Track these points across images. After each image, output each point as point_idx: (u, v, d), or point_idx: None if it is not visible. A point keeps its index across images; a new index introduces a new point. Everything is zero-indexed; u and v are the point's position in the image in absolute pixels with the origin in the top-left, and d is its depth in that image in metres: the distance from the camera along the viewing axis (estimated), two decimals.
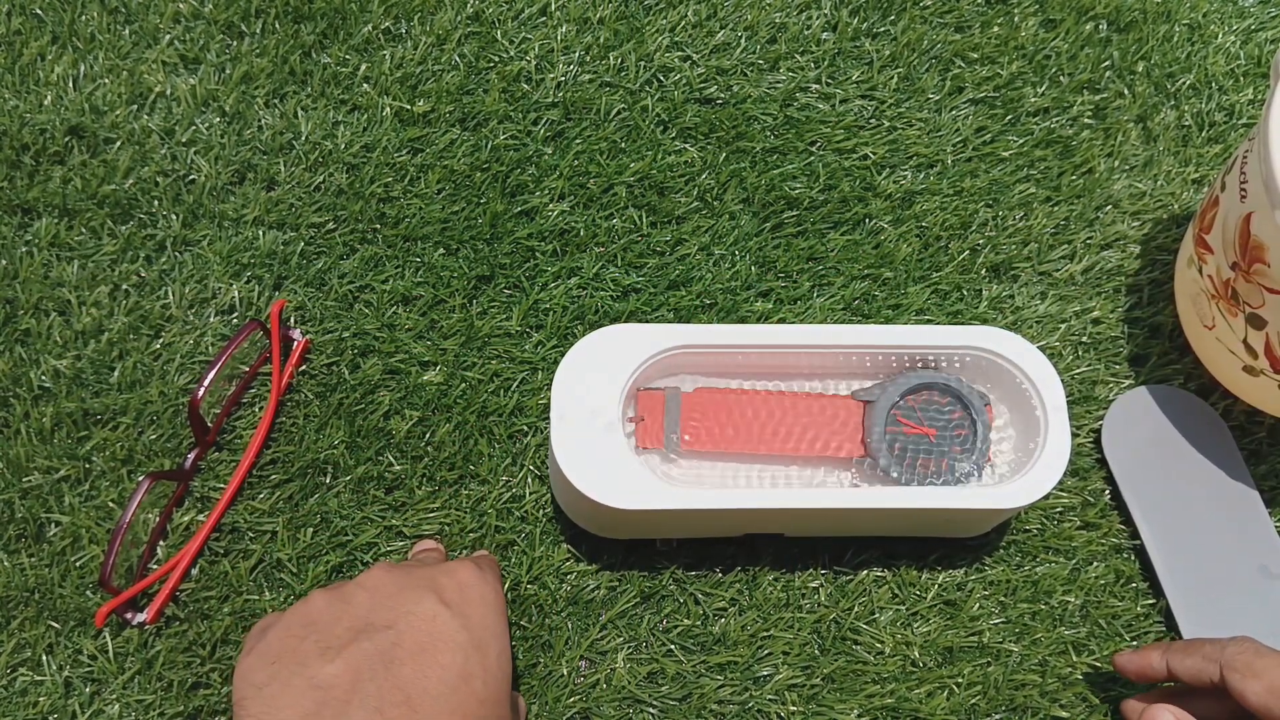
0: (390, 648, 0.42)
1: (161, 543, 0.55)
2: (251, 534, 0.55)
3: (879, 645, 0.54)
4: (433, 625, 0.43)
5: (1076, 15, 0.67)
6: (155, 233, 0.60)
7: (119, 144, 0.61)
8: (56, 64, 0.63)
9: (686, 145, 0.63)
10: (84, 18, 0.64)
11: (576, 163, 0.62)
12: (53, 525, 0.54)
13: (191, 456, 0.55)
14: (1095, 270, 0.62)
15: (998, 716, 0.54)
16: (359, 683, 0.42)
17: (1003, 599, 0.55)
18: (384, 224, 0.61)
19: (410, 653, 0.42)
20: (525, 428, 0.57)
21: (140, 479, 0.52)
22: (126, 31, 0.64)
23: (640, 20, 0.66)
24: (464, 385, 0.58)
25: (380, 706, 0.41)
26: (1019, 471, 0.51)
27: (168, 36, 0.63)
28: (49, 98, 0.62)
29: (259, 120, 0.62)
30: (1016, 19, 0.67)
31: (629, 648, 0.54)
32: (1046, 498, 0.56)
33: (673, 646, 0.54)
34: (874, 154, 0.64)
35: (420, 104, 0.63)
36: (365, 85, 0.63)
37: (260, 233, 0.60)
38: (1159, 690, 0.51)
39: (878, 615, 0.55)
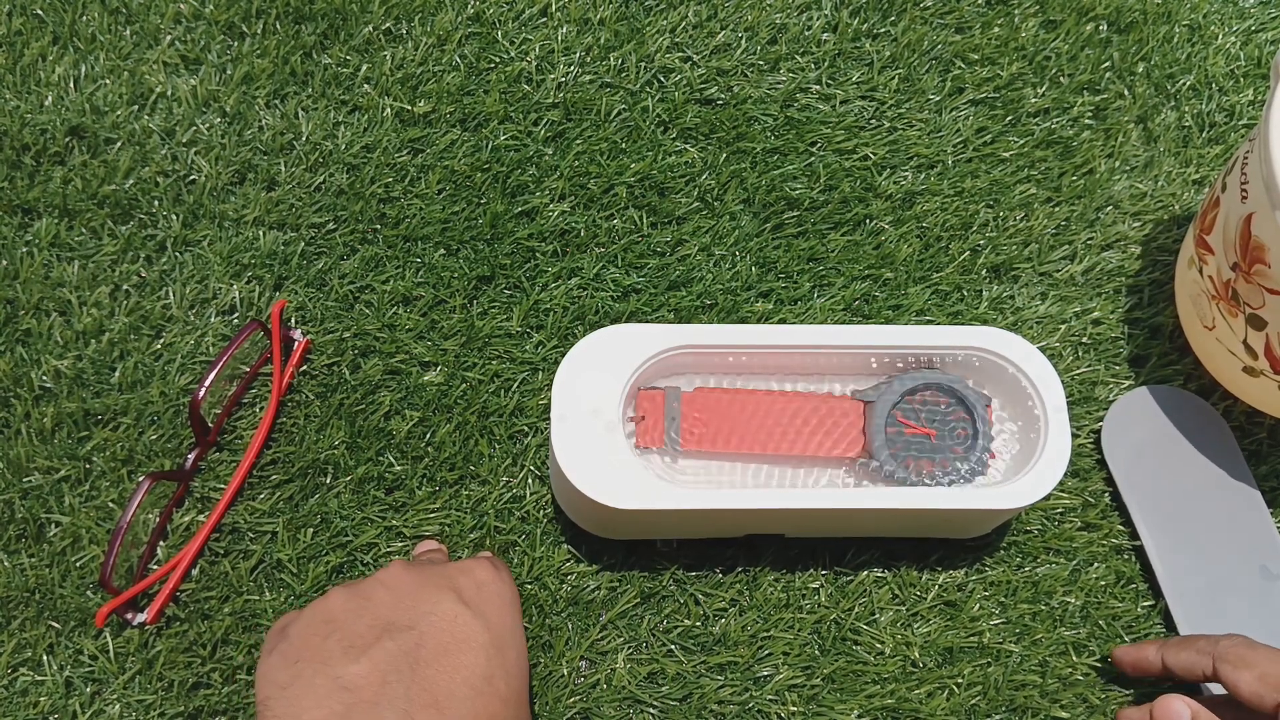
0: (414, 648, 0.42)
1: (161, 543, 0.55)
2: (252, 534, 0.55)
3: (879, 645, 0.54)
4: (454, 625, 0.43)
5: (1077, 16, 0.67)
6: (156, 233, 0.60)
7: (119, 144, 0.61)
8: (57, 64, 0.63)
9: (687, 146, 0.63)
10: (85, 18, 0.64)
11: (577, 163, 0.63)
12: (53, 525, 0.54)
13: (192, 457, 0.55)
14: (1096, 271, 0.62)
15: (998, 717, 0.54)
16: (386, 684, 0.41)
17: (1003, 599, 0.55)
18: (384, 224, 0.61)
19: (434, 654, 0.42)
20: (525, 428, 0.57)
21: (140, 479, 0.52)
22: (127, 32, 0.64)
23: (640, 21, 0.66)
24: (464, 385, 0.58)
25: (409, 709, 0.40)
26: (1019, 472, 0.51)
27: (169, 37, 0.64)
28: (50, 98, 0.62)
29: (260, 121, 0.62)
30: (1017, 20, 0.67)
31: (629, 648, 0.54)
32: (1047, 498, 0.56)
33: (673, 647, 0.54)
34: (874, 155, 0.64)
35: (421, 104, 0.63)
36: (366, 86, 0.63)
37: (261, 233, 0.60)
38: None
39: (878, 616, 0.55)
